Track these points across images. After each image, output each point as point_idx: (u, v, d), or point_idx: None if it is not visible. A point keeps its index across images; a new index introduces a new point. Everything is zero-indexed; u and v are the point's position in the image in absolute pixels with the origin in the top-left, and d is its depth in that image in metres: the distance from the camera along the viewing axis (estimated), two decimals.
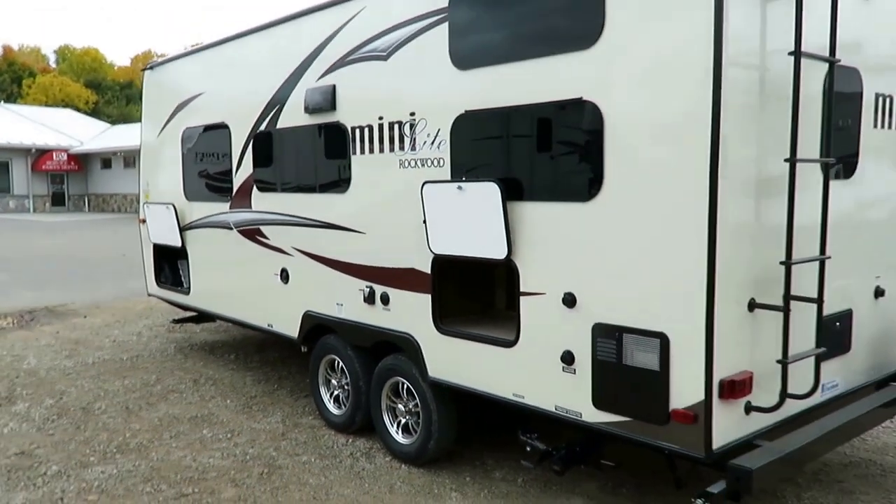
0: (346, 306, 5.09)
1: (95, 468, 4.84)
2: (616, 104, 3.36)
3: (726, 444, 3.26)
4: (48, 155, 36.82)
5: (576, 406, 3.66)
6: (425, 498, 4.34)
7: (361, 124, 4.75)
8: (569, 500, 4.28)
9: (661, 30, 3.18)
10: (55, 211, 37.58)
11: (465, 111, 4.05)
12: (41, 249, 19.28)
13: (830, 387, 3.86)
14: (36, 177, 37.04)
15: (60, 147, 37.46)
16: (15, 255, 17.68)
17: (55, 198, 37.93)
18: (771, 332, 3.34)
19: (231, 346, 8.06)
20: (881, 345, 4.17)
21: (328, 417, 5.49)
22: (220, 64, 6.36)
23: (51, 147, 37.08)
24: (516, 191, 3.83)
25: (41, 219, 32.49)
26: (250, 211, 5.97)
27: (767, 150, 3.24)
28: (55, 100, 58.17)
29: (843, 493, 4.30)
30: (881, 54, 3.92)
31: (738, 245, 3.19)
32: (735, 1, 3.03)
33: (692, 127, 3.07)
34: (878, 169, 4.01)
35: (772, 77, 3.22)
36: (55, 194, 37.93)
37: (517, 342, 3.92)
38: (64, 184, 38.33)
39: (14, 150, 35.83)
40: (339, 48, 4.87)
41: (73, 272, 14.59)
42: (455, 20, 4.06)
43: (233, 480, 4.62)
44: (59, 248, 19.55)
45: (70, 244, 20.81)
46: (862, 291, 4.02)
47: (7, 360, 7.58)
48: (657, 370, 3.30)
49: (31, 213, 36.45)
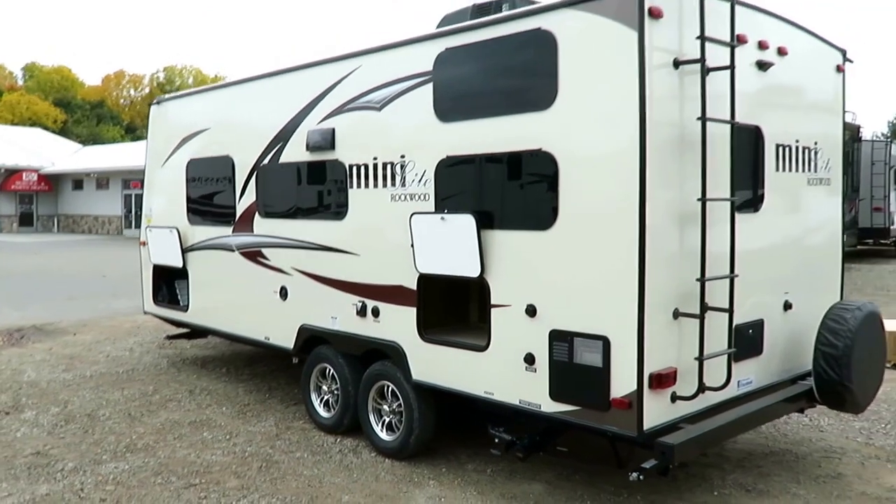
0: (339, 319, 5.82)
1: (109, 464, 5.45)
2: (567, 154, 4.20)
3: (655, 426, 4.05)
4: (18, 175, 36.88)
5: (536, 399, 4.44)
6: (406, 485, 5.05)
7: (358, 163, 5.54)
8: (530, 485, 5.02)
9: (600, 97, 4.05)
10: (23, 231, 37.53)
11: (447, 156, 4.88)
12: (18, 269, 19.59)
13: (745, 383, 4.69)
14: (4, 196, 37.03)
15: (31, 167, 37.56)
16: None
17: (23, 218, 37.91)
18: (691, 336, 4.16)
19: (221, 361, 8.70)
20: (790, 349, 5.02)
21: (318, 420, 6.18)
22: (227, 103, 7.12)
23: (21, 167, 37.16)
24: (488, 221, 4.64)
25: (9, 239, 32.52)
26: (252, 235, 6.69)
27: (686, 192, 4.09)
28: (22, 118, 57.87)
29: (761, 475, 5.12)
30: (778, 113, 4.84)
31: (663, 266, 4.02)
32: (655, 75, 3.90)
33: (625, 173, 3.92)
34: (782, 203, 4.92)
35: (688, 133, 4.08)
36: (23, 214, 37.92)
37: (488, 347, 4.70)
38: (33, 204, 38.36)
39: None
40: (338, 97, 5.67)
41: (54, 292, 15.03)
42: (439, 81, 4.90)
43: (235, 473, 5.28)
44: (37, 269, 19.87)
45: (47, 264, 21.12)
46: (772, 305, 4.88)
47: (7, 374, 8.12)
48: (601, 367, 4.10)
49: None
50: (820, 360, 4.66)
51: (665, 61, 3.98)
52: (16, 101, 59.97)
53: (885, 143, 19.95)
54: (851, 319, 4.62)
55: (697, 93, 4.04)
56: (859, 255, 21.84)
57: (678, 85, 4.05)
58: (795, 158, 4.99)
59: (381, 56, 5.40)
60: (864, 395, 4.79)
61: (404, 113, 5.19)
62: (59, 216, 39.23)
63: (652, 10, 3.86)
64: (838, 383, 4.62)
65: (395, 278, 5.30)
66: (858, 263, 19.75)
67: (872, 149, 19.46)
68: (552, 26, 4.22)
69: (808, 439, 5.82)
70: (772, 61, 4.68)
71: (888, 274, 17.40)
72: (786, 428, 6.03)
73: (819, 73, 5.25)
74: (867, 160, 19.27)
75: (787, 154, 4.92)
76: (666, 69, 3.99)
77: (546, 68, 4.25)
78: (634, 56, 3.86)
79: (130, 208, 36.27)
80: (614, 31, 3.95)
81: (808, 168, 5.13)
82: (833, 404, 4.83)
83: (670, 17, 3.98)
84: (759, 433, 5.89)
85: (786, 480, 5.02)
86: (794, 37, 4.93)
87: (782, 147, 4.88)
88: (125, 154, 39.04)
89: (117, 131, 66.42)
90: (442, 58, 4.88)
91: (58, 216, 39.22)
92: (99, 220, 37.43)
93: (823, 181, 5.28)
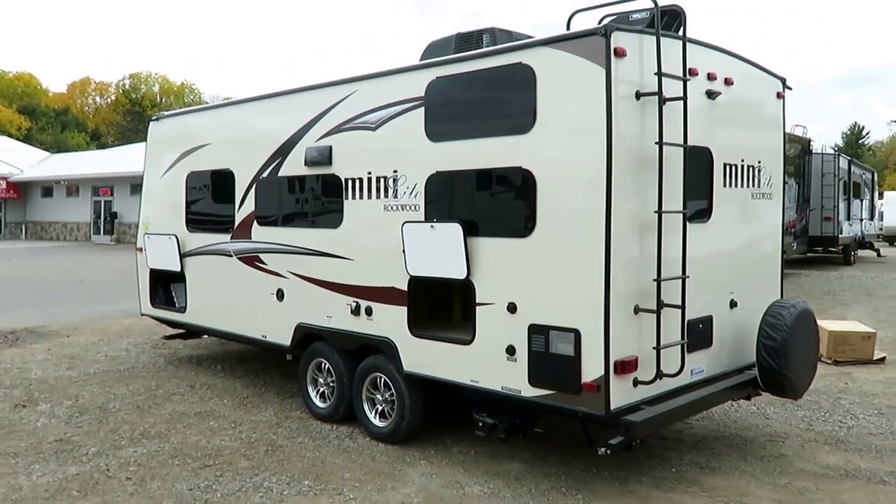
0: (334, 318, 6.41)
1: (128, 449, 5.97)
2: (544, 171, 4.87)
3: (620, 406, 4.71)
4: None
5: (516, 385, 5.07)
6: (401, 464, 5.64)
7: (353, 176, 6.15)
8: (510, 465, 5.64)
9: (573, 123, 4.73)
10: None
11: (436, 171, 5.51)
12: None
13: (698, 372, 5.39)
14: None
15: None
16: None
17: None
18: (650, 329, 4.84)
19: (215, 359, 9.20)
20: (736, 342, 5.73)
21: (314, 410, 6.75)
22: (227, 121, 7.68)
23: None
24: (473, 229, 5.27)
25: None
26: (250, 241, 7.24)
27: (645, 205, 4.78)
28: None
29: (713, 455, 5.82)
30: (725, 137, 5.58)
31: (625, 268, 4.69)
32: (620, 105, 4.58)
33: (593, 189, 4.59)
34: (729, 215, 5.66)
35: (647, 154, 4.77)
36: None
37: (473, 340, 5.33)
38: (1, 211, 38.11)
39: None
40: (336, 118, 6.28)
41: (36, 297, 15.31)
42: (429, 105, 5.54)
43: (244, 455, 5.83)
44: (14, 274, 20.03)
45: (22, 270, 21.25)
46: (719, 303, 5.60)
47: (14, 372, 8.54)
48: (573, 355, 4.75)
49: None
50: (762, 352, 5.38)
51: (628, 93, 4.67)
52: None
53: (833, 156, 21.07)
54: (788, 316, 5.35)
55: (656, 119, 4.74)
56: (809, 262, 23.08)
57: (639, 113, 4.74)
58: (741, 175, 5.74)
59: (376, 82, 6.02)
60: (800, 382, 5.53)
61: (397, 133, 5.81)
62: (27, 223, 39.04)
63: (617, 50, 4.55)
64: (778, 372, 5.34)
65: (388, 280, 5.91)
66: (808, 270, 20.90)
67: (822, 161, 20.56)
68: (532, 61, 4.89)
69: (755, 425, 6.55)
70: (719, 90, 5.41)
71: (835, 280, 18.49)
72: (735, 415, 6.76)
73: (762, 99, 6.02)
74: (818, 172, 20.37)
75: (734, 171, 5.66)
76: (629, 100, 4.67)
77: (526, 97, 4.92)
78: (602, 89, 4.54)
79: (99, 214, 36.28)
80: (586, 67, 4.62)
81: (753, 184, 5.88)
82: (774, 390, 5.55)
83: (632, 55, 4.66)
84: (712, 420, 6.62)
85: (735, 460, 5.72)
86: (739, 68, 5.67)
87: (729, 165, 5.61)
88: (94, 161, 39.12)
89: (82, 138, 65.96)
90: (433, 85, 5.53)
91: (26, 223, 39.02)
92: (67, 226, 37.39)
93: (766, 195, 6.04)
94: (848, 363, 8.90)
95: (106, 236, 35.55)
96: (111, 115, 72.71)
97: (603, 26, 4.59)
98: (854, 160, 24.63)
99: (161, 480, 5.29)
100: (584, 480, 5.26)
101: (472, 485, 5.20)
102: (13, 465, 5.58)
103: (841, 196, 21.16)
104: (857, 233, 23.46)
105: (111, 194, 35.56)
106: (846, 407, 7.15)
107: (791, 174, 18.33)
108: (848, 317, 11.94)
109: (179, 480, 5.29)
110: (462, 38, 6.06)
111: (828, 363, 8.85)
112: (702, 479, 5.31)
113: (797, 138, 19.33)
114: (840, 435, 6.31)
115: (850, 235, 22.47)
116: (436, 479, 5.31)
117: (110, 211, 35.52)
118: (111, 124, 71.75)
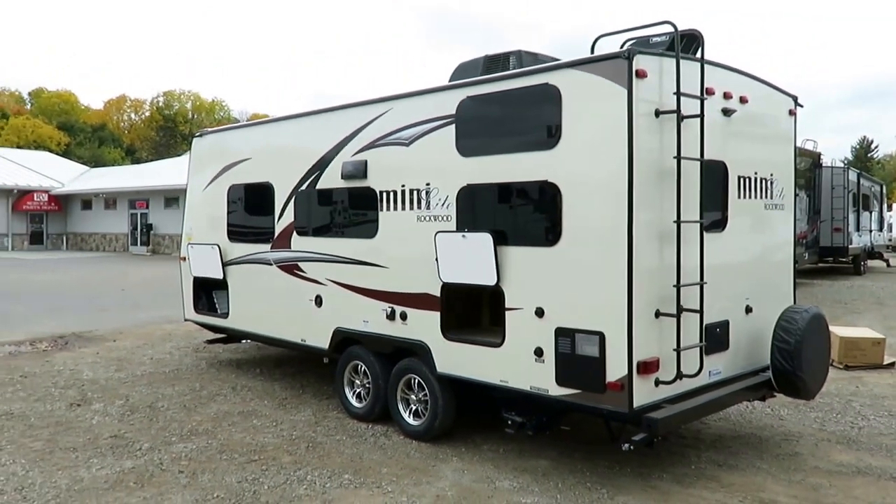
0: (371, 322, 6.79)
1: (178, 445, 6.38)
2: (569, 184, 5.20)
3: (642, 404, 5.00)
4: (29, 195, 38.02)
5: (544, 385, 5.39)
6: (434, 461, 5.98)
7: (388, 189, 6.54)
8: (538, 461, 5.95)
9: (596, 139, 5.06)
10: (33, 249, 38.52)
11: (467, 184, 5.88)
12: (41, 284, 20.49)
13: (715, 373, 5.66)
14: (16, 216, 38.07)
15: (42, 188, 38.68)
16: (21, 290, 18.91)
17: (33, 236, 39.02)
18: (670, 332, 5.14)
19: (254, 363, 9.64)
20: (751, 346, 6.00)
21: (351, 410, 7.12)
22: (267, 137, 8.15)
23: (32, 188, 38.32)
24: (503, 239, 5.62)
25: (22, 256, 33.42)
26: (290, 251, 7.66)
27: (664, 215, 5.10)
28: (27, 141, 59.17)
29: (731, 453, 6.07)
30: (740, 151, 5.88)
31: (646, 275, 5.00)
32: (640, 122, 4.90)
33: (615, 201, 4.92)
34: (743, 225, 5.95)
35: (666, 168, 5.09)
36: (34, 233, 39.04)
37: (503, 343, 5.67)
38: (43, 223, 39.43)
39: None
40: (371, 134, 6.68)
41: (82, 304, 15.94)
42: (460, 123, 5.92)
43: (287, 451, 6.21)
44: (58, 283, 20.77)
45: (65, 280, 22.01)
46: (736, 308, 5.87)
47: (67, 373, 9.05)
48: (598, 356, 5.06)
49: (10, 250, 37.33)
50: (776, 354, 5.64)
51: (648, 111, 5.00)
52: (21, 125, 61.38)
53: (843, 169, 21.51)
54: (801, 320, 5.61)
55: (674, 135, 5.06)
56: (820, 272, 23.29)
57: (658, 129, 5.06)
58: (754, 187, 6.02)
59: (410, 101, 6.42)
60: (813, 384, 5.78)
61: (430, 148, 6.19)
62: (67, 234, 40.25)
63: (638, 71, 4.88)
64: (791, 373, 5.60)
65: (422, 287, 6.28)
66: (819, 280, 21.04)
67: (832, 174, 20.98)
68: (558, 82, 5.25)
69: (770, 426, 6.79)
70: (735, 108, 5.72)
71: (846, 289, 18.65)
72: (751, 416, 7.01)
73: (774, 116, 6.31)
74: (828, 185, 20.88)
75: (748, 184, 5.95)
76: (649, 117, 5.00)
77: (552, 115, 5.27)
78: (624, 108, 4.87)
79: (136, 226, 37.31)
80: (609, 87, 4.96)
81: (766, 195, 6.16)
82: (788, 391, 5.81)
83: (653, 76, 4.99)
84: (728, 420, 6.88)
85: (751, 457, 5.97)
86: (753, 87, 5.98)
87: (743, 178, 5.91)
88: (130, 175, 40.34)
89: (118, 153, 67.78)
90: (464, 104, 5.90)
91: (66, 234, 40.23)
92: (106, 237, 38.50)
93: (778, 206, 6.32)
94: (858, 368, 9.12)
95: (142, 247, 36.56)
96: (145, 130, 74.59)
97: (626, 50, 4.93)
98: (863, 173, 24.88)
99: (211, 473, 5.69)
100: (608, 476, 5.56)
101: (502, 480, 5.52)
102: (73, 459, 6.02)
103: (850, 208, 21.57)
104: (866, 244, 23.77)
105: (147, 207, 36.57)
106: (857, 409, 7.37)
107: (802, 187, 18.64)
108: (859, 324, 12.14)
109: (228, 474, 5.69)
110: (490, 59, 6.44)
111: (839, 368, 9.07)
112: (720, 475, 5.57)
113: (808, 152, 19.64)
114: (851, 435, 6.53)
115: (859, 246, 22.75)
116: (468, 475, 5.64)
117: (146, 223, 36.54)
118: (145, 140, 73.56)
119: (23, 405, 7.62)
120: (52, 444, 6.40)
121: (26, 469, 5.78)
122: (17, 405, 7.62)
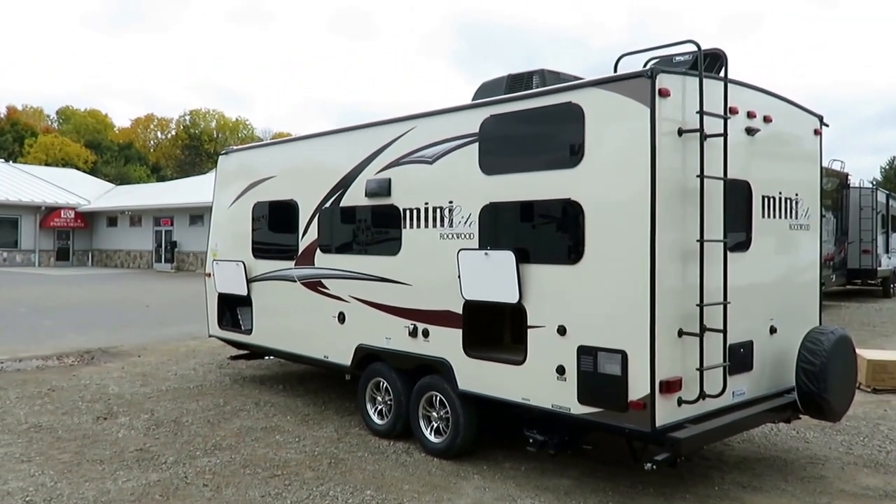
0: (393, 339, 6.83)
1: (202, 459, 6.44)
2: (592, 203, 5.23)
3: (665, 424, 4.98)
4: (56, 212, 38.73)
5: (566, 403, 5.39)
6: (455, 478, 5.98)
7: (411, 207, 6.61)
8: (559, 480, 5.93)
9: (619, 158, 5.09)
10: (59, 265, 39.19)
11: (490, 202, 5.93)
12: (67, 300, 20.81)
13: (739, 394, 5.62)
14: (43, 232, 38.77)
15: (68, 205, 39.41)
16: (50, 305, 19.23)
17: (60, 253, 39.71)
18: (693, 351, 5.13)
19: (277, 379, 9.71)
20: (776, 367, 5.95)
21: (373, 427, 7.15)
22: (292, 155, 8.27)
23: (59, 205, 39.06)
24: (525, 256, 5.65)
25: (48, 272, 33.97)
26: (313, 268, 7.75)
27: (687, 234, 5.10)
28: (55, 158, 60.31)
29: (755, 475, 6.01)
30: (764, 170, 5.87)
31: (669, 294, 5.00)
32: (663, 141, 4.93)
33: (638, 219, 4.93)
34: (767, 245, 5.92)
35: (689, 187, 5.10)
36: (60, 249, 39.74)
37: (525, 361, 5.68)
38: (69, 239, 40.14)
39: (24, 207, 37.74)
40: (394, 153, 6.77)
41: (108, 320, 16.17)
42: (483, 141, 5.98)
43: (309, 467, 6.25)
44: (85, 299, 21.08)
45: (92, 296, 22.33)
46: (760, 329, 5.84)
47: (93, 388, 9.18)
48: (620, 375, 5.06)
49: (37, 266, 38.03)
50: (801, 376, 5.60)
51: (671, 130, 5.02)
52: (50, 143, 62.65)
53: (871, 190, 21.23)
54: (826, 341, 5.56)
55: (697, 154, 5.07)
56: (848, 294, 22.95)
57: (681, 149, 5.09)
58: (779, 207, 6.01)
59: (433, 120, 6.50)
60: (839, 405, 5.71)
61: (453, 167, 6.25)
62: (93, 251, 40.90)
63: (661, 90, 4.92)
64: (817, 395, 5.55)
65: (444, 304, 6.31)
66: (847, 302, 20.74)
67: (860, 195, 20.74)
68: (581, 101, 5.29)
69: (795, 448, 6.71)
70: (759, 127, 5.72)
71: (874, 312, 18.37)
72: (775, 438, 6.93)
73: (799, 135, 6.30)
74: (855, 206, 20.61)
75: (772, 204, 5.94)
76: (672, 136, 5.02)
77: (575, 134, 5.31)
78: (647, 126, 4.90)
79: (160, 243, 37.80)
80: (632, 106, 5.00)
81: (791, 215, 6.14)
82: (813, 413, 5.74)
83: (675, 95, 5.02)
84: (753, 442, 6.81)
85: (776, 480, 5.91)
86: (777, 106, 5.98)
87: (768, 198, 5.90)
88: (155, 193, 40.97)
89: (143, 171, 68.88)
90: (487, 123, 5.97)
91: (92, 251, 40.88)
92: (131, 254, 39.08)
93: (803, 226, 6.29)
94: (887, 391, 8.96)
95: (167, 264, 37.02)
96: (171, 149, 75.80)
97: (649, 69, 4.97)
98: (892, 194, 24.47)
99: (235, 488, 5.74)
100: (630, 496, 5.52)
101: (523, 498, 5.51)
102: (100, 472, 6.10)
103: (879, 229, 21.23)
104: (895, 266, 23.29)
105: (171, 224, 37.07)
106: (885, 432, 7.26)
107: (829, 207, 18.45)
108: (887, 347, 11.95)
109: (252, 488, 5.73)
110: (513, 79, 6.51)
111: (867, 391, 8.92)
112: (744, 497, 5.52)
113: (835, 172, 19.45)
114: (879, 458, 6.44)
115: (889, 268, 22.39)
116: (489, 493, 5.63)
117: (170, 240, 37.01)
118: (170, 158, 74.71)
119: (51, 418, 7.74)
120: (80, 456, 6.50)
121: (55, 480, 5.87)
122: (45, 418, 7.74)
